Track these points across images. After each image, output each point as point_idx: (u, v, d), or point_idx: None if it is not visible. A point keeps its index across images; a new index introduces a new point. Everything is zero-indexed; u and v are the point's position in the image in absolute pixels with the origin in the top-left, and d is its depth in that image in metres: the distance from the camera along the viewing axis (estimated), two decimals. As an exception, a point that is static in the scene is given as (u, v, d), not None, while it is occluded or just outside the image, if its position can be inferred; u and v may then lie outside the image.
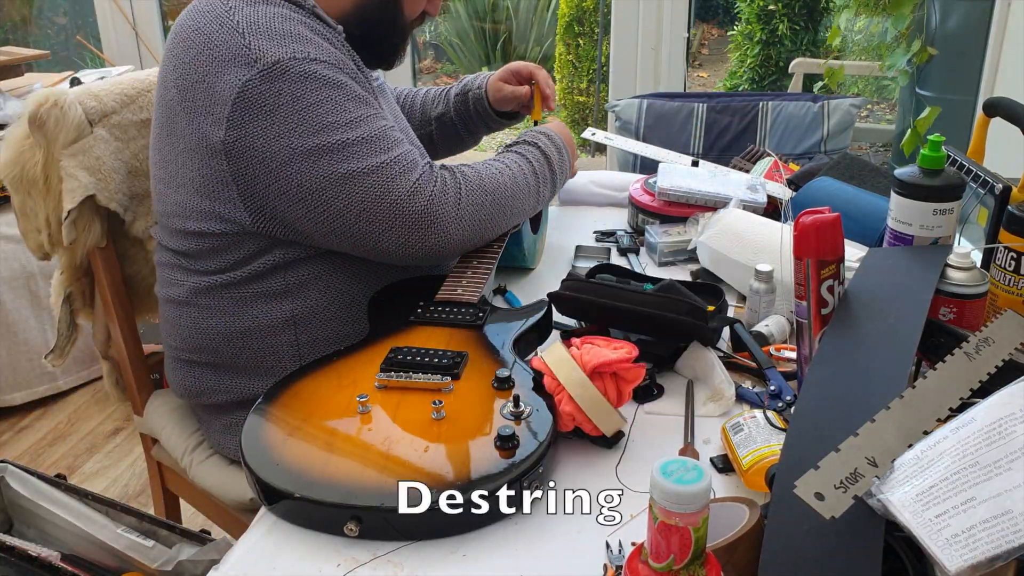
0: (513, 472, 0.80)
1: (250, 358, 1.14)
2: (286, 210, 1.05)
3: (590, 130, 1.75)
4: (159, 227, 1.20)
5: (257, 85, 1.01)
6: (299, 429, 0.87)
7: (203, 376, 1.19)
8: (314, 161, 1.02)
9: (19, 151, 1.27)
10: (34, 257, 1.36)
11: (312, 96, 1.02)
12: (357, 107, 1.05)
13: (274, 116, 1.01)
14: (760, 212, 1.41)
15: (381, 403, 0.89)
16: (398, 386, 0.92)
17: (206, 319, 1.15)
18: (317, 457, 0.83)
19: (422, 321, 1.05)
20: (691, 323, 1.01)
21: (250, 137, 1.02)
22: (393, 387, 0.92)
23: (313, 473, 0.81)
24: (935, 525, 0.62)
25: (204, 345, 1.16)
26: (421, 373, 0.93)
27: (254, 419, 0.88)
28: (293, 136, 1.02)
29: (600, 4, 4.43)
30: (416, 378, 0.92)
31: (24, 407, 2.44)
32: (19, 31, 4.51)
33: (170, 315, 1.20)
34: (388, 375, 0.93)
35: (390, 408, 0.89)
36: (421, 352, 0.96)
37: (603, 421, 0.88)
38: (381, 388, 0.92)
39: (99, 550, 1.22)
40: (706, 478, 0.56)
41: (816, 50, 4.24)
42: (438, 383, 0.91)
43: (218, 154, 1.04)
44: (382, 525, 0.77)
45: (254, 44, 1.02)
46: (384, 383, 0.92)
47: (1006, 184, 1.12)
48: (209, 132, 1.04)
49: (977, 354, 0.81)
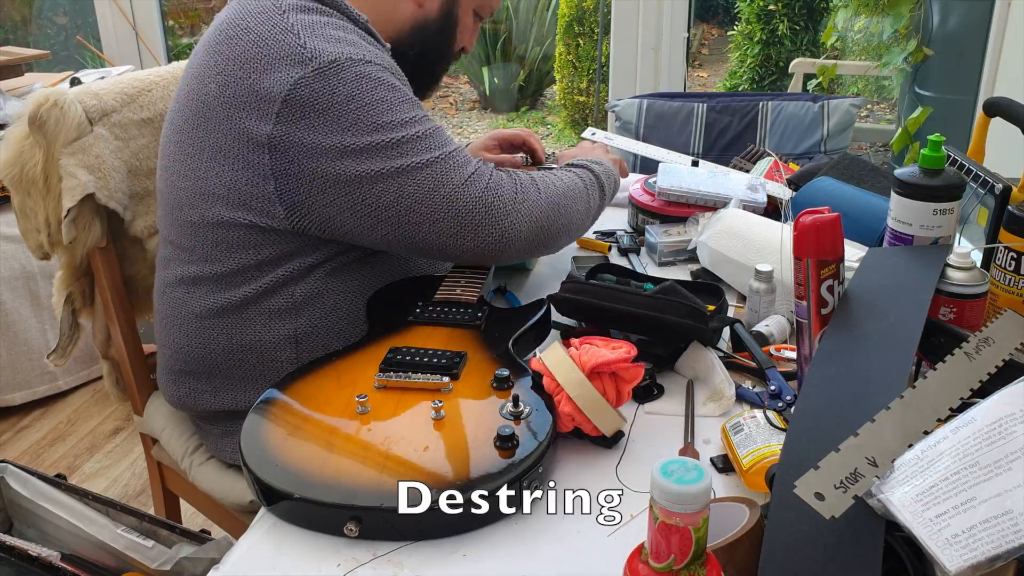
0: (513, 472, 0.79)
1: (248, 371, 1.13)
2: (328, 204, 1.03)
3: (590, 130, 1.75)
4: (166, 223, 1.17)
5: (311, 83, 1.00)
6: (299, 429, 0.87)
7: (198, 388, 1.17)
8: (367, 158, 1.01)
9: (19, 151, 1.27)
10: (34, 257, 1.36)
11: (367, 96, 1.01)
12: (412, 108, 1.05)
13: (327, 114, 1.00)
14: (760, 212, 1.41)
15: (380, 403, 0.89)
16: (397, 386, 0.92)
17: (207, 331, 1.13)
18: (317, 457, 0.83)
19: (421, 321, 1.05)
20: (691, 325, 1.01)
21: (299, 132, 1.01)
22: (392, 387, 0.92)
23: (313, 473, 0.81)
24: (935, 525, 0.62)
25: (202, 357, 1.14)
26: (420, 373, 0.92)
27: (253, 419, 0.88)
28: (346, 134, 1.00)
29: (600, 4, 4.43)
30: (415, 378, 0.92)
31: (24, 407, 2.44)
32: (19, 31, 4.50)
33: (169, 325, 1.18)
34: (387, 375, 0.92)
35: (389, 408, 0.89)
36: (420, 352, 0.96)
37: (602, 421, 0.88)
38: (380, 388, 0.92)
39: (99, 550, 1.22)
40: (706, 478, 0.56)
41: (816, 50, 4.24)
42: (437, 383, 0.91)
43: (260, 148, 1.02)
44: (382, 525, 0.77)
45: (309, 44, 1.02)
46: (383, 383, 0.92)
47: (1006, 184, 1.12)
48: (253, 127, 1.02)
49: (977, 354, 0.81)
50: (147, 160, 1.33)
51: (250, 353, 1.12)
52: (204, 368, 1.16)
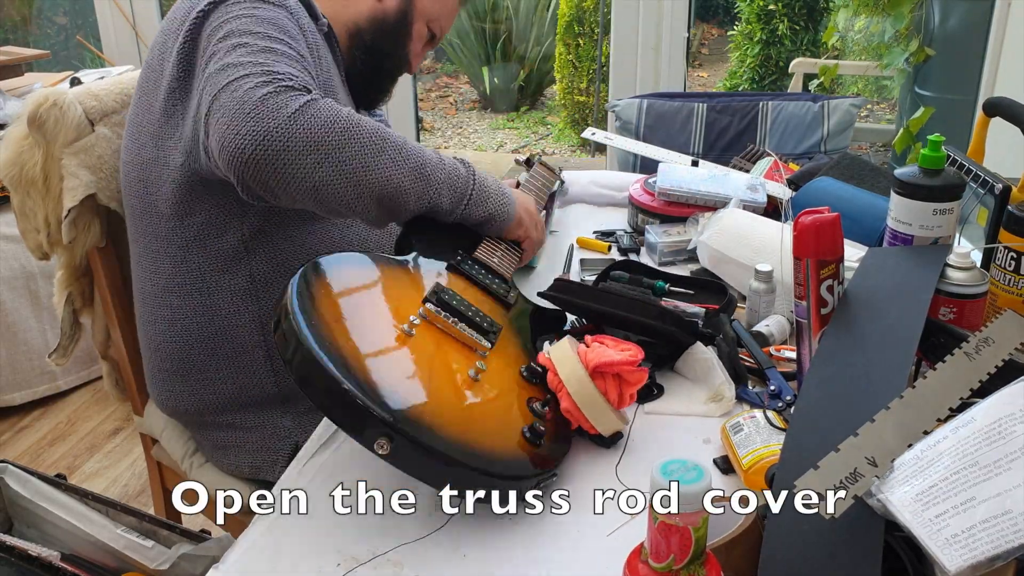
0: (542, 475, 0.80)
1: (221, 360, 1.15)
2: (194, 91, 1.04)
3: (590, 130, 1.75)
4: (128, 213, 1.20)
5: (209, 12, 1.04)
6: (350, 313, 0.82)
7: (178, 388, 1.19)
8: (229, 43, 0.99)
9: (18, 151, 1.27)
10: (33, 257, 1.36)
11: (260, 12, 1.03)
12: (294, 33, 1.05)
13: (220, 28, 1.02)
14: (760, 212, 1.41)
15: (423, 333, 0.86)
16: (441, 325, 0.89)
17: (178, 319, 1.15)
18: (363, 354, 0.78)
19: (460, 271, 1.02)
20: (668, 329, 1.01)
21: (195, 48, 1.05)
22: (435, 323, 0.89)
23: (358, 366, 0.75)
24: (935, 525, 0.62)
25: (178, 350, 1.16)
26: (464, 324, 0.90)
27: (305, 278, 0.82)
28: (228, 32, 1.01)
29: (600, 4, 4.43)
30: (460, 327, 0.89)
31: (24, 407, 2.44)
32: (19, 31, 4.51)
33: (145, 319, 1.21)
34: (436, 310, 0.89)
35: (432, 344, 0.86)
36: (465, 304, 0.93)
37: (600, 421, 0.88)
38: (423, 319, 0.88)
39: (99, 550, 1.22)
40: (706, 478, 0.56)
41: (816, 50, 4.24)
42: (477, 343, 0.90)
43: (173, 81, 1.07)
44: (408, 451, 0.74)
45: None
46: (429, 316, 0.88)
47: (1006, 184, 1.12)
48: (169, 73, 1.07)
49: (977, 354, 0.81)
50: (147, 160, 1.34)
51: (220, 339, 1.14)
52: (181, 366, 1.17)
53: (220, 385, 1.16)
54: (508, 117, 5.52)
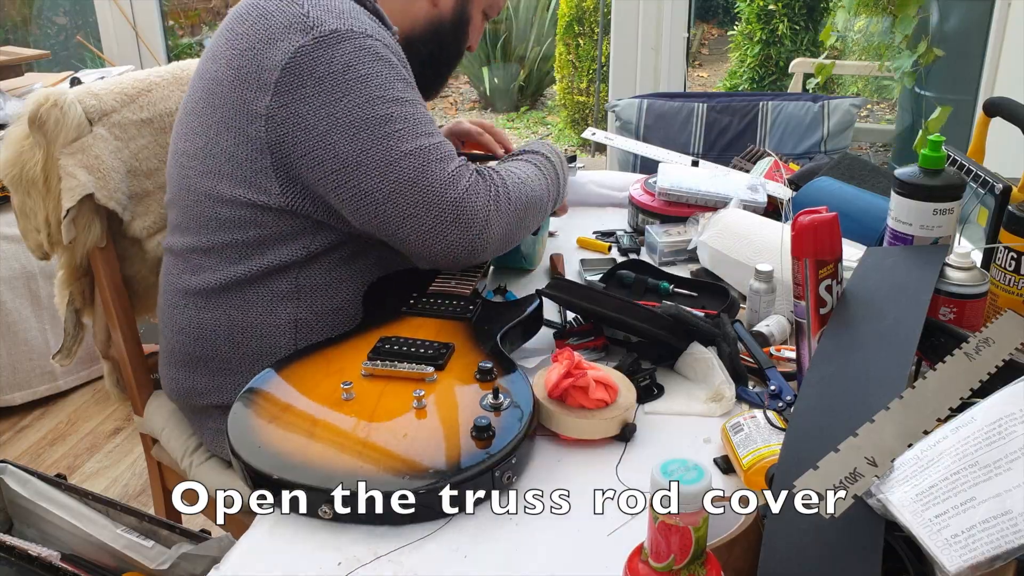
0: (487, 462, 0.81)
1: (246, 356, 1.14)
2: (317, 182, 1.04)
3: (590, 130, 1.75)
4: (174, 208, 1.19)
5: (311, 51, 1.01)
6: (285, 413, 0.89)
7: (197, 375, 1.18)
8: (355, 132, 1.01)
9: (19, 151, 1.27)
10: (34, 257, 1.36)
11: (364, 68, 1.02)
12: (405, 89, 1.05)
13: (323, 84, 1.01)
14: (760, 212, 1.41)
15: (366, 391, 0.91)
16: (383, 374, 0.93)
17: (209, 311, 1.14)
18: (298, 442, 0.84)
19: (413, 312, 1.06)
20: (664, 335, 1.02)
21: (295, 104, 1.02)
22: (378, 375, 0.93)
23: (293, 456, 0.82)
24: (935, 525, 0.62)
25: (203, 339, 1.15)
26: (406, 362, 0.94)
27: (240, 406, 0.90)
28: (339, 104, 1.01)
29: (600, 4, 4.43)
30: (400, 367, 0.93)
31: (24, 407, 2.44)
32: (19, 31, 4.50)
33: (173, 307, 1.19)
34: (374, 363, 0.94)
35: (373, 396, 0.90)
36: (408, 342, 0.98)
37: (589, 432, 0.90)
38: (367, 376, 0.93)
39: (99, 550, 1.22)
40: (706, 478, 0.56)
41: (816, 50, 4.24)
42: (421, 372, 0.92)
43: (258, 119, 1.03)
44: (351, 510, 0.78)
45: (312, 13, 1.03)
46: (370, 371, 0.93)
47: (1006, 184, 1.12)
48: (253, 99, 1.03)
49: (977, 354, 0.81)
50: (147, 160, 1.34)
51: (250, 336, 1.13)
52: (204, 353, 1.16)
53: (238, 377, 1.15)
54: (508, 117, 5.52)
